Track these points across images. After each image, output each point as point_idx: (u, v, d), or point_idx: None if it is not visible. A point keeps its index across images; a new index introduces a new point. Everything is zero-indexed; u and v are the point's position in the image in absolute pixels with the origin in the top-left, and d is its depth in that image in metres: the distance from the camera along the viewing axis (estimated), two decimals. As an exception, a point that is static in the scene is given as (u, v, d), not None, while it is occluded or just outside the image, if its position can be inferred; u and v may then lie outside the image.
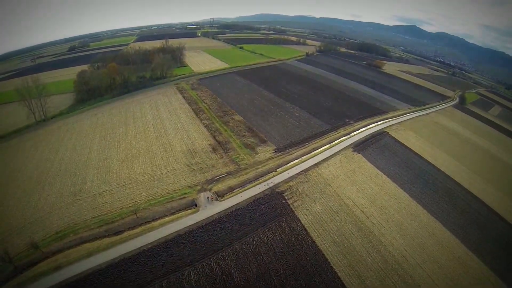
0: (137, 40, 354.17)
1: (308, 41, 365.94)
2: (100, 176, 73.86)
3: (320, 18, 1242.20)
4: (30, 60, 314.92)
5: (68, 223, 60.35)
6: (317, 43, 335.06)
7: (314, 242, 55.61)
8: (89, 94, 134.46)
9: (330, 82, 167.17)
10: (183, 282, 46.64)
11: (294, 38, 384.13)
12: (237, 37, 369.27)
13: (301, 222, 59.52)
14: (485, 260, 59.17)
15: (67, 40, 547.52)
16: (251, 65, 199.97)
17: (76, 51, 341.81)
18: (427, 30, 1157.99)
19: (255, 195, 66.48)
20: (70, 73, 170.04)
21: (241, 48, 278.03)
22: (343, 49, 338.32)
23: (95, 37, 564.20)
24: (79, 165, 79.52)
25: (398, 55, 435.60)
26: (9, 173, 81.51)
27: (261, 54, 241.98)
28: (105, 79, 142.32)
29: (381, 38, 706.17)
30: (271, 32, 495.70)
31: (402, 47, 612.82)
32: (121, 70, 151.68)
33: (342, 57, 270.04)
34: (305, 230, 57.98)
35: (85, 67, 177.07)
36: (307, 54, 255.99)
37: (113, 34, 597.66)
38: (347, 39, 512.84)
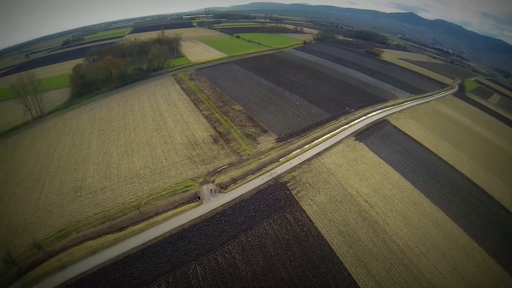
0: (132, 32, 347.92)
1: (305, 29, 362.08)
2: (101, 171, 72.25)
3: (316, 6, 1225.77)
4: (24, 56, 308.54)
5: (70, 220, 58.93)
6: (315, 31, 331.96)
7: (319, 232, 55.02)
8: (86, 88, 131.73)
9: (329, 70, 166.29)
10: (190, 277, 45.70)
11: (291, 27, 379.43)
12: (233, 26, 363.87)
13: (305, 213, 58.81)
14: (488, 249, 59.15)
15: (60, 34, 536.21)
16: (248, 54, 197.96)
17: (70, 45, 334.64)
18: (425, 17, 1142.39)
19: (259, 186, 65.44)
20: (66, 68, 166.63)
21: (237, 37, 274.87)
22: (340, 37, 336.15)
23: (89, 30, 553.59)
24: (78, 161, 77.75)
25: (396, 42, 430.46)
26: (8, 172, 79.48)
27: (258, 43, 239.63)
28: (101, 72, 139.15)
29: (379, 25, 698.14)
30: (268, 20, 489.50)
31: (400, 35, 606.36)
32: (117, 62, 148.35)
33: (340, 45, 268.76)
34: (310, 220, 57.32)
35: (80, 60, 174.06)
36: (304, 42, 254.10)
37: (107, 26, 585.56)
38: (344, 26, 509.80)
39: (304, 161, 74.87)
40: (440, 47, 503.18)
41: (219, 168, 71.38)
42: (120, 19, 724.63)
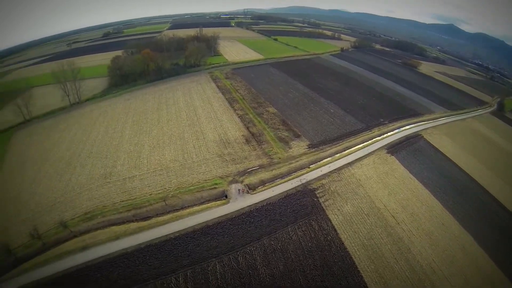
0: (170, 28, 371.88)
1: (343, 36, 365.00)
2: (131, 160, 78.99)
3: (354, 12, 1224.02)
4: (66, 45, 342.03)
5: (97, 204, 65.35)
6: (352, 39, 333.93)
7: (343, 243, 56.50)
8: (123, 79, 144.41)
9: (365, 80, 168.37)
10: (208, 274, 48.81)
11: (328, 33, 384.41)
12: (271, 29, 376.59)
13: (331, 222, 60.55)
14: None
15: (101, 27, 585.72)
16: (285, 57, 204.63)
17: (110, 37, 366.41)
18: (465, 30, 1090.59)
19: (287, 190, 68.20)
20: (104, 58, 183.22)
21: (275, 39, 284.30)
22: (378, 46, 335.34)
23: (129, 24, 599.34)
24: (110, 148, 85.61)
25: (435, 55, 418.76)
26: (43, 152, 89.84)
27: (295, 47, 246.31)
28: (139, 65, 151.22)
29: (417, 36, 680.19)
30: (305, 25, 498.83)
31: (438, 47, 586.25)
32: (154, 56, 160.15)
33: (377, 54, 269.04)
34: (335, 230, 58.97)
35: (119, 52, 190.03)
36: (342, 49, 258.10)
37: (147, 21, 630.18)
38: (382, 35, 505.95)
39: (335, 169, 77.04)
40: (480, 62, 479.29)
41: (249, 168, 74.93)
42: (160, 15, 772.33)
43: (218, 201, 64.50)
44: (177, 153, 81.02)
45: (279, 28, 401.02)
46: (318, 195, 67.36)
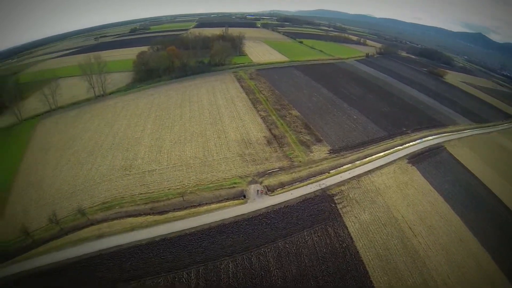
0: (196, 26, 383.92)
1: (368, 42, 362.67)
2: (151, 154, 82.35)
3: (380, 18, 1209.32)
4: (94, 39, 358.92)
5: (115, 195, 68.61)
6: (378, 45, 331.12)
7: (358, 252, 56.59)
8: (147, 75, 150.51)
9: (389, 87, 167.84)
10: (220, 272, 50.19)
11: (354, 38, 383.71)
12: (297, 31, 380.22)
13: (347, 229, 60.89)
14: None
15: (128, 23, 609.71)
16: (310, 60, 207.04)
17: (137, 33, 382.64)
18: (494, 40, 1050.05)
19: (306, 194, 69.23)
20: (130, 53, 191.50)
21: (300, 42, 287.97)
22: (404, 53, 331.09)
23: (155, 21, 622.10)
24: (132, 141, 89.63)
25: (461, 64, 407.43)
26: (66, 141, 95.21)
27: (321, 51, 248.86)
28: (164, 61, 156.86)
29: (444, 44, 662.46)
30: (331, 29, 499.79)
31: (465, 56, 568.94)
32: (180, 53, 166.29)
33: (403, 62, 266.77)
34: (351, 238, 59.20)
35: (144, 48, 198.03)
36: (367, 55, 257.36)
37: (173, 19, 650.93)
38: (408, 42, 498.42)
39: (354, 176, 77.48)
40: (508, 74, 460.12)
41: (269, 170, 76.42)
42: (186, 13, 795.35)
43: (236, 201, 66.10)
44: (198, 150, 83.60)
45: (305, 31, 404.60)
46: (336, 201, 68.06)
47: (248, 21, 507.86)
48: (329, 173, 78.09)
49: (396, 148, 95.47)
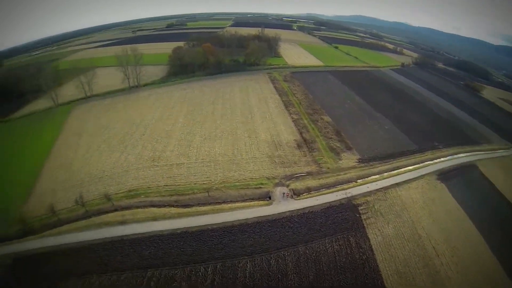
0: (232, 25, 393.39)
1: (404, 51, 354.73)
2: (181, 148, 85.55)
3: (417, 27, 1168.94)
4: (131, 31, 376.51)
5: (142, 184, 71.89)
6: (414, 54, 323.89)
7: (377, 265, 55.92)
8: (182, 69, 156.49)
9: (423, 99, 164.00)
10: (238, 270, 51.35)
11: (390, 46, 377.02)
12: (333, 36, 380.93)
13: (369, 241, 60.40)
14: None
15: (165, 18, 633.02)
16: (344, 66, 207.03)
17: (173, 28, 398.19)
18: None
19: (331, 201, 69.38)
20: (166, 48, 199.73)
21: (336, 48, 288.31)
22: (440, 65, 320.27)
23: (192, 17, 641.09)
24: (162, 133, 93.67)
25: (500, 80, 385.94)
26: (99, 128, 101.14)
27: (356, 58, 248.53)
28: (199, 57, 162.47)
29: (483, 57, 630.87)
30: (367, 36, 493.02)
31: (504, 71, 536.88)
32: (215, 51, 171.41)
33: (439, 74, 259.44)
34: (372, 250, 58.62)
35: (180, 43, 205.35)
36: (402, 65, 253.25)
37: (209, 16, 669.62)
38: (445, 53, 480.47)
39: (381, 188, 76.74)
40: None
41: (296, 174, 77.15)
42: (223, 11, 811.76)
43: (261, 201, 67.19)
44: (227, 148, 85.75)
45: (341, 36, 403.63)
46: (361, 212, 67.88)
47: (284, 23, 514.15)
48: (356, 182, 78.05)
49: (426, 163, 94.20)
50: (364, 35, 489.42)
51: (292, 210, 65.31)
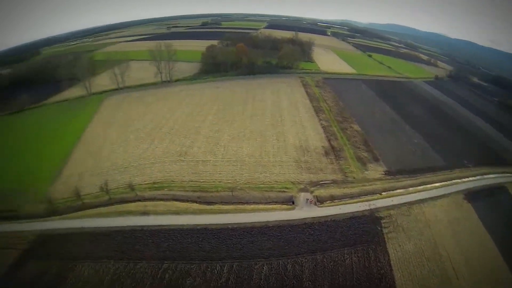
0: (266, 27, 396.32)
1: (438, 63, 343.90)
2: (208, 145, 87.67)
3: (454, 38, 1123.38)
4: (166, 27, 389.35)
5: (166, 178, 74.36)
6: (448, 67, 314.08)
7: (394, 282, 54.85)
8: (214, 68, 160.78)
9: (455, 114, 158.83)
10: (253, 272, 51.79)
11: (424, 57, 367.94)
12: (367, 44, 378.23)
13: (388, 256, 59.32)
14: None
15: (200, 16, 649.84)
16: (377, 76, 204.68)
17: (208, 26, 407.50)
18: None
19: (354, 212, 68.95)
20: (200, 45, 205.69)
21: (369, 56, 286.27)
22: (475, 79, 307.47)
23: (227, 17, 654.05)
24: (191, 129, 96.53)
25: None
26: (128, 119, 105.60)
27: (389, 67, 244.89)
28: (232, 56, 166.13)
29: None
30: (402, 45, 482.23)
31: None
32: (248, 51, 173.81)
33: (473, 89, 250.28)
34: (390, 266, 57.55)
35: (214, 42, 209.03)
36: (436, 77, 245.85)
37: (244, 17, 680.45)
38: (481, 68, 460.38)
39: (406, 203, 75.38)
40: None
41: (321, 181, 77.15)
42: (258, 13, 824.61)
43: (284, 205, 67.69)
44: (255, 149, 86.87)
45: (375, 44, 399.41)
46: (383, 225, 66.97)
47: (318, 28, 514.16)
48: (381, 194, 77.30)
49: (454, 181, 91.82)
50: (398, 45, 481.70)
51: (314, 217, 65.41)
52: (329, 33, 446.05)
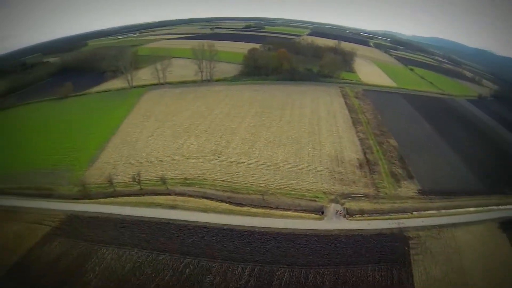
0: (309, 34, 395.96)
1: (483, 81, 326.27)
2: (243, 147, 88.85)
3: (501, 56, 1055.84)
4: (210, 28, 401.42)
5: (198, 175, 76.05)
6: (494, 86, 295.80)
7: None
8: (255, 71, 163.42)
9: (498, 137, 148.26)
10: (274, 278, 51.29)
11: (468, 74, 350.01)
12: (409, 57, 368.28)
13: (412, 279, 56.85)
14: None
15: (243, 19, 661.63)
16: (418, 91, 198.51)
17: (251, 30, 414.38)
18: None
19: (382, 229, 67.00)
20: (242, 48, 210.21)
21: (411, 70, 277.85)
22: None
23: (270, 21, 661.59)
24: (227, 130, 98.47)
25: None
26: (166, 114, 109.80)
27: (431, 83, 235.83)
28: (274, 61, 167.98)
29: None
30: (445, 60, 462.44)
31: None
32: (290, 57, 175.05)
33: None
34: None
35: (256, 45, 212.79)
36: (479, 96, 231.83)
37: (287, 23, 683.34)
38: None
39: (436, 225, 71.94)
40: None
41: (353, 193, 75.84)
42: (301, 19, 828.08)
43: (313, 215, 67.04)
44: (290, 155, 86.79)
45: (417, 58, 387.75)
46: (411, 246, 64.34)
47: (361, 38, 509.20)
48: (411, 213, 74.88)
49: (490, 207, 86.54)
50: (442, 59, 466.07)
51: (341, 229, 64.33)
52: (371, 44, 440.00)
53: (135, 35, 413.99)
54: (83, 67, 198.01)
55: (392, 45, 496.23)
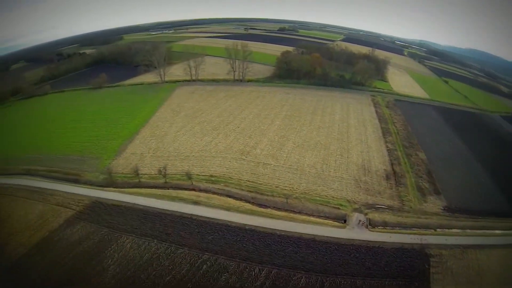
0: (343, 40, 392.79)
1: None
2: (271, 149, 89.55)
3: None
4: (244, 29, 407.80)
5: (224, 173, 77.50)
6: None
7: None
8: (287, 74, 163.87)
9: None
10: (290, 282, 51.37)
11: (505, 89, 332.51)
12: (444, 68, 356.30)
13: None
14: None
15: (278, 21, 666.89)
16: (451, 104, 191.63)
17: (285, 32, 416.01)
18: None
19: (403, 243, 65.38)
20: (275, 50, 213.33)
21: (446, 82, 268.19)
22: None
23: (305, 25, 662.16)
24: (256, 131, 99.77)
25: None
26: (196, 110, 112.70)
27: (465, 96, 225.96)
28: (306, 65, 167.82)
29: None
30: (481, 74, 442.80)
31: None
32: (323, 62, 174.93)
33: None
34: None
35: (289, 48, 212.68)
36: None
37: (322, 27, 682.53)
38: None
39: (460, 245, 69.13)
40: None
41: (377, 204, 74.94)
42: (335, 24, 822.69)
43: (336, 222, 66.79)
44: (317, 160, 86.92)
45: (452, 69, 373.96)
46: (431, 264, 62.26)
47: (395, 47, 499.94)
48: (435, 230, 72.57)
49: None
50: (478, 73, 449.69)
51: (363, 240, 63.65)
52: (405, 53, 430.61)
53: (170, 31, 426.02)
54: (118, 60, 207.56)
55: (427, 55, 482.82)
